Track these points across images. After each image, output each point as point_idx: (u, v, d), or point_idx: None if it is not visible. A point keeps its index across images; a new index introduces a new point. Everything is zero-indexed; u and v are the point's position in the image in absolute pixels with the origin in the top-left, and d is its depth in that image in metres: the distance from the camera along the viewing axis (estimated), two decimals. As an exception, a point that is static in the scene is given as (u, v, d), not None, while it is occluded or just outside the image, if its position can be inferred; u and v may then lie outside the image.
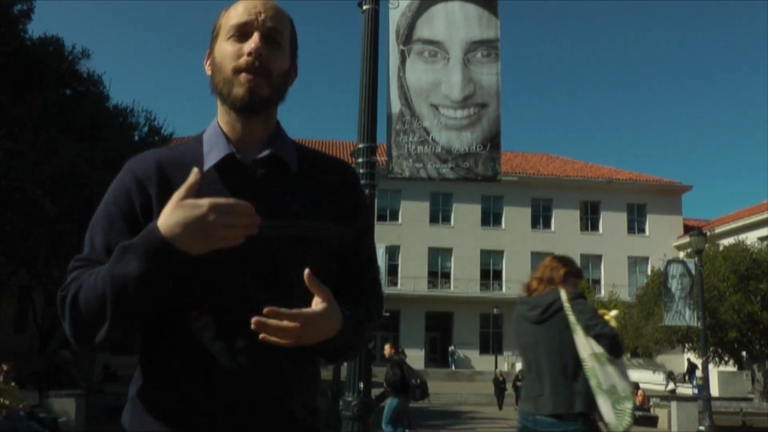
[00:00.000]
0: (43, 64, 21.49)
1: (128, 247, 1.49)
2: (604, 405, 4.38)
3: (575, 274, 4.95)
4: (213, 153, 1.71)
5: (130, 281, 1.47)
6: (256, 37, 1.69)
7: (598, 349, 4.47)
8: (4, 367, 13.42)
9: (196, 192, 1.56)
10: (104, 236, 1.65)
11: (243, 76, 1.68)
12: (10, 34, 20.54)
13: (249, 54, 1.67)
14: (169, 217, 1.47)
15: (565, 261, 5.03)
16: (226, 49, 1.71)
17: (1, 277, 23.98)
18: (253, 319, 1.47)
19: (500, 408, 29.29)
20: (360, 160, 5.91)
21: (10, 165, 18.83)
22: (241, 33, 1.70)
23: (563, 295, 4.68)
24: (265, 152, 1.72)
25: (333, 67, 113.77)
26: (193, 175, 1.50)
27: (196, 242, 1.47)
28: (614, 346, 4.50)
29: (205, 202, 1.46)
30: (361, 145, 5.95)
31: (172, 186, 1.62)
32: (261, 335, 1.49)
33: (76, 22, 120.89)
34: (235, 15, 1.73)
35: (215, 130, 1.77)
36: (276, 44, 1.73)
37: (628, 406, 4.37)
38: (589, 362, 4.45)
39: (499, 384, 30.44)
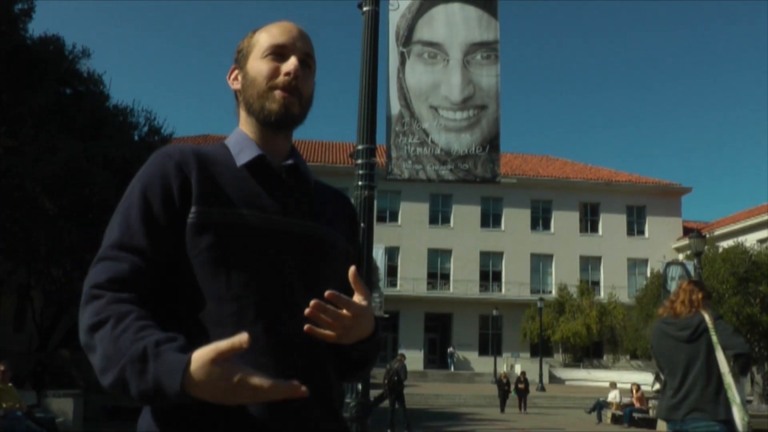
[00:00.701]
0: (43, 63, 21.47)
1: (152, 357, 1.41)
2: (736, 415, 5.12)
3: (708, 296, 5.65)
4: (244, 153, 1.78)
5: (134, 391, 1.43)
6: (294, 59, 1.80)
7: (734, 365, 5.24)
8: (1, 367, 13.40)
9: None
10: (141, 217, 1.64)
11: (278, 92, 1.77)
12: (11, 32, 20.54)
13: (287, 74, 1.78)
14: (199, 373, 1.37)
15: (701, 286, 5.70)
16: (261, 66, 1.80)
17: (1, 276, 23.94)
18: (313, 302, 1.50)
19: (502, 411, 28.93)
20: (359, 161, 5.90)
21: (11, 163, 18.83)
22: (279, 54, 1.81)
23: (707, 317, 5.39)
24: (290, 161, 1.83)
25: (333, 68, 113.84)
26: (239, 340, 1.36)
27: (210, 398, 1.39)
28: (746, 366, 5.27)
29: (235, 376, 1.35)
30: (360, 147, 5.93)
31: (209, 175, 1.70)
32: (307, 326, 1.52)
33: (76, 22, 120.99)
34: (272, 36, 1.83)
35: (242, 135, 1.85)
36: (308, 69, 1.85)
37: (747, 419, 5.14)
38: (727, 377, 5.18)
39: (503, 386, 30.01)
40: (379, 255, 26.08)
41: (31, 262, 22.47)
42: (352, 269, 1.62)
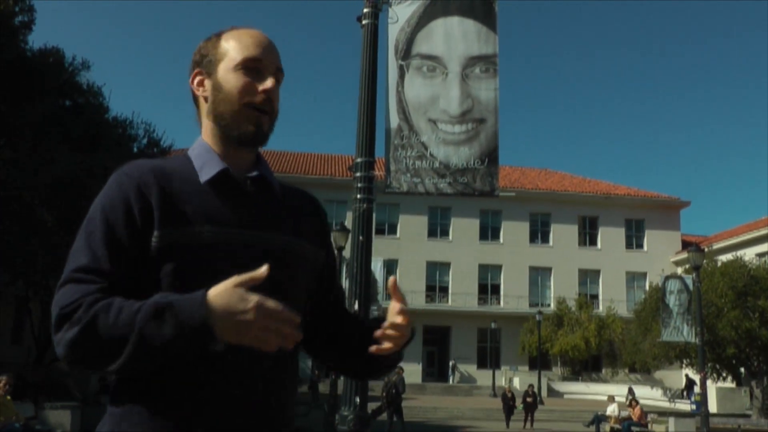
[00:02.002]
0: (43, 75, 21.55)
1: (166, 307, 1.46)
2: None
3: None
4: (207, 168, 1.74)
5: (157, 344, 1.46)
6: (272, 79, 1.77)
7: None
8: (3, 380, 13.36)
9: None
10: (105, 242, 1.61)
11: (253, 113, 1.75)
12: (11, 44, 20.61)
13: (264, 92, 1.75)
14: (217, 298, 1.45)
15: None
16: (236, 81, 1.75)
17: (-1, 287, 23.93)
18: (379, 338, 1.67)
19: (507, 425, 27.73)
20: (358, 174, 5.91)
21: (9, 174, 18.86)
22: (252, 68, 1.76)
23: None
24: (255, 172, 1.79)
25: (332, 81, 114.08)
26: (263, 270, 1.48)
27: (230, 332, 1.45)
28: None
29: (254, 297, 1.44)
30: (359, 160, 5.94)
31: (170, 194, 1.66)
32: (374, 347, 1.66)
33: (76, 34, 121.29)
34: (245, 48, 1.77)
35: (205, 148, 1.81)
36: (278, 84, 1.82)
37: None
38: None
39: (508, 401, 28.47)
40: (377, 268, 26.09)
41: (29, 274, 22.45)
42: (392, 279, 1.70)
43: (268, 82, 1.75)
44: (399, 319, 1.67)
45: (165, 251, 1.60)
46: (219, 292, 1.45)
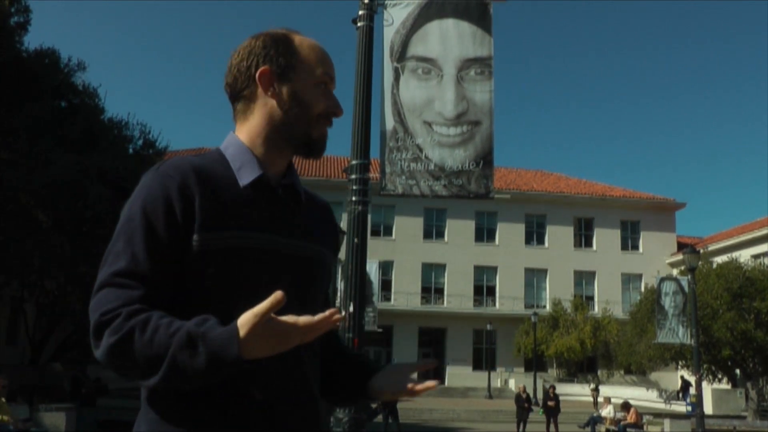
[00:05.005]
0: (38, 76, 21.52)
1: (199, 338, 1.46)
2: None
3: None
4: (245, 170, 1.74)
5: (189, 373, 1.46)
6: (337, 100, 1.85)
7: None
8: (2, 381, 13.34)
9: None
10: (146, 248, 1.59)
11: (324, 124, 1.82)
12: (7, 45, 20.59)
13: (338, 111, 1.84)
14: (250, 335, 1.44)
15: None
16: (318, 95, 1.80)
17: (-6, 288, 23.86)
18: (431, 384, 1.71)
19: (519, 430, 25.10)
20: (353, 176, 5.92)
21: (5, 175, 18.84)
22: (326, 83, 1.83)
23: None
24: (287, 180, 1.82)
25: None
26: (275, 298, 1.42)
27: (263, 354, 1.48)
28: None
29: (293, 329, 1.46)
30: (354, 162, 5.95)
31: (211, 197, 1.65)
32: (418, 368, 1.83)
33: (72, 35, 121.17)
34: (321, 62, 1.83)
35: (241, 148, 1.79)
36: None
37: None
38: None
39: (523, 402, 25.45)
40: (373, 269, 26.07)
41: (24, 275, 22.42)
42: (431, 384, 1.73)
43: (339, 105, 1.84)
44: (416, 387, 1.75)
45: (206, 254, 1.61)
46: (251, 328, 1.43)
